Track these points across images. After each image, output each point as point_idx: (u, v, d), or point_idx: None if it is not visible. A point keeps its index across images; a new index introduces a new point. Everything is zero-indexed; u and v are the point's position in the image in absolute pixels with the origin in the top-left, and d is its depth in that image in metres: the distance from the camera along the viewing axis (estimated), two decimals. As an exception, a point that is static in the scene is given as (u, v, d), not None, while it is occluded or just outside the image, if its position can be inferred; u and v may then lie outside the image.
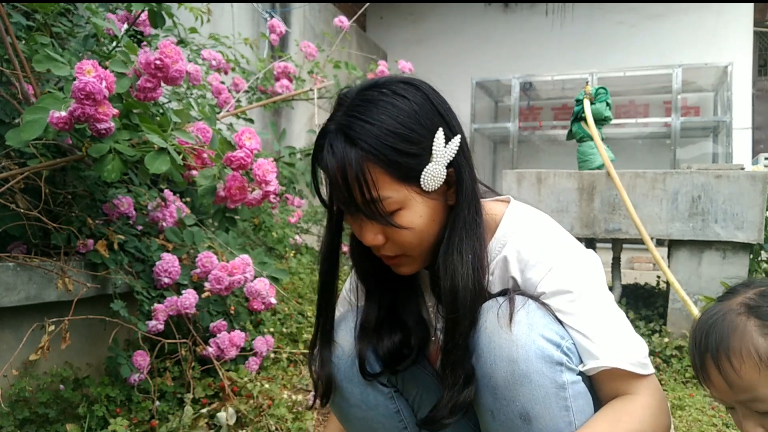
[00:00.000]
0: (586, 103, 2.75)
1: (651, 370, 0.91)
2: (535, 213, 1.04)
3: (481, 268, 0.95)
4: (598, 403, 0.93)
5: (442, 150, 0.91)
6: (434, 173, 0.91)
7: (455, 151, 0.93)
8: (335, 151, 0.88)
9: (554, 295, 0.93)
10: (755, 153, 6.47)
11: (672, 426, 0.97)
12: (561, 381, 0.87)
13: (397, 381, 1.11)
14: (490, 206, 1.03)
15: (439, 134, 0.91)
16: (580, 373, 0.91)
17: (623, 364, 0.88)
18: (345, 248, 1.17)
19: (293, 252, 3.30)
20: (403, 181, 0.90)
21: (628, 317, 0.98)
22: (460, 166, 0.94)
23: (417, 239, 0.94)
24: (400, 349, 1.07)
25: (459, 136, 0.94)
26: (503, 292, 0.96)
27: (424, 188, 0.91)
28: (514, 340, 0.87)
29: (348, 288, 1.21)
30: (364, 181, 0.87)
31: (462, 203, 0.95)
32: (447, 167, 0.93)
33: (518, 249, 0.98)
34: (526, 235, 0.99)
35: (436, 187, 0.92)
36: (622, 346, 0.90)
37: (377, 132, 0.87)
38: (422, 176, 0.91)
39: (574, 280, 0.93)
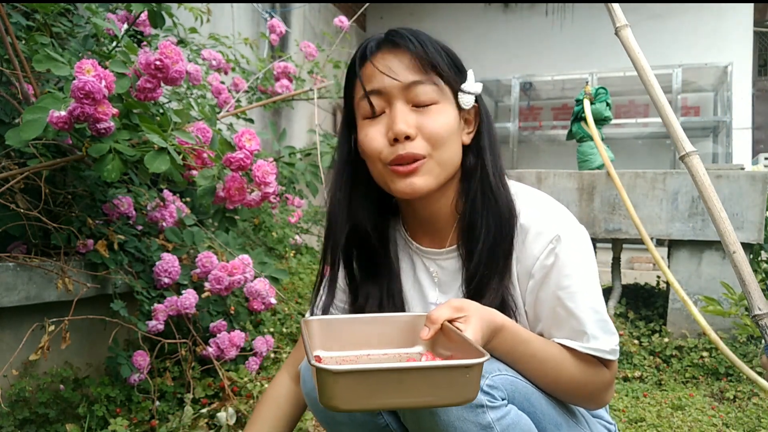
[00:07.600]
0: (586, 103, 2.75)
1: (617, 355, 0.97)
2: (531, 188, 1.06)
3: (509, 197, 1.00)
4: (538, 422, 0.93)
5: (473, 81, 1.00)
6: (469, 92, 0.99)
7: (479, 90, 1.01)
8: (403, 34, 0.96)
9: (555, 270, 0.95)
10: (755, 153, 6.47)
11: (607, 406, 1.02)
12: (485, 422, 0.84)
13: None
14: None
15: (470, 71, 1.01)
16: (508, 400, 0.89)
17: (603, 354, 0.94)
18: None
19: (293, 252, 3.30)
20: (447, 86, 0.98)
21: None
22: (482, 104, 1.05)
23: (446, 137, 0.96)
24: None
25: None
26: None
27: (460, 103, 0.99)
28: None
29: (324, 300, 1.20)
30: (435, 51, 0.95)
31: (484, 132, 1.03)
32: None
33: (519, 218, 0.99)
34: (526, 202, 1.01)
35: (468, 107, 1.00)
36: (605, 334, 0.95)
37: (437, 40, 0.99)
38: (461, 90, 0.99)
39: (575, 257, 0.95)
